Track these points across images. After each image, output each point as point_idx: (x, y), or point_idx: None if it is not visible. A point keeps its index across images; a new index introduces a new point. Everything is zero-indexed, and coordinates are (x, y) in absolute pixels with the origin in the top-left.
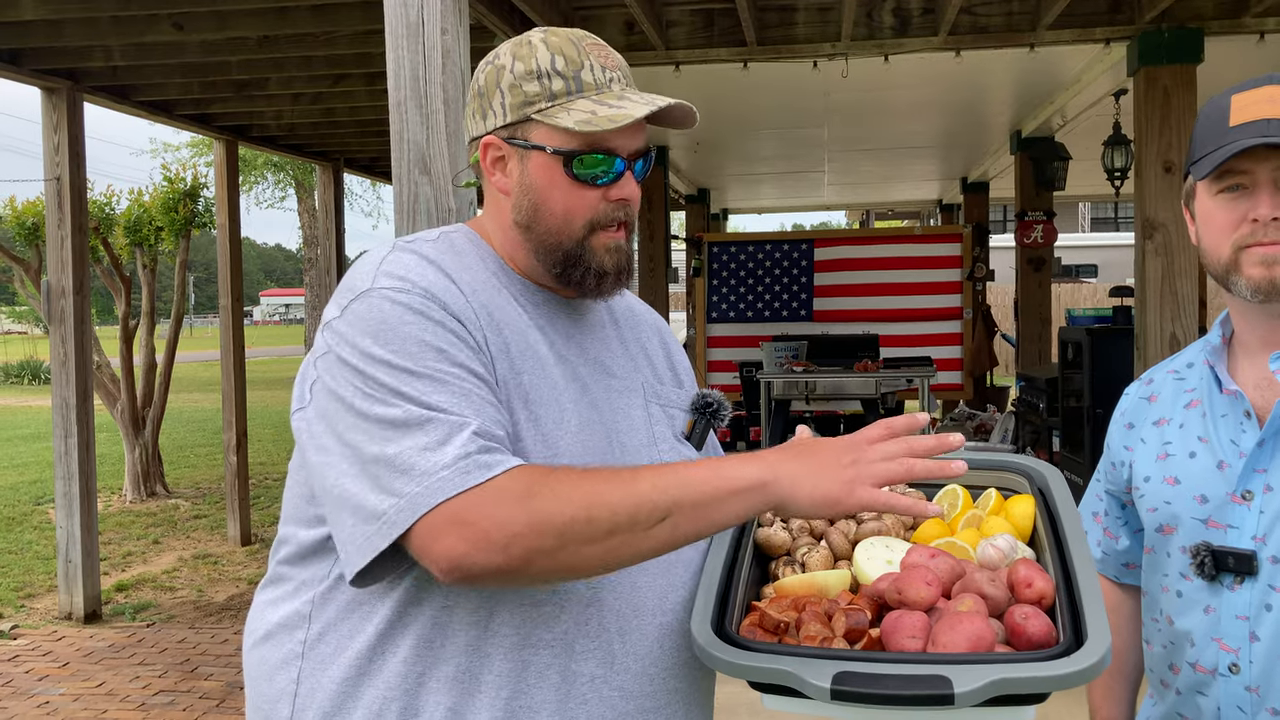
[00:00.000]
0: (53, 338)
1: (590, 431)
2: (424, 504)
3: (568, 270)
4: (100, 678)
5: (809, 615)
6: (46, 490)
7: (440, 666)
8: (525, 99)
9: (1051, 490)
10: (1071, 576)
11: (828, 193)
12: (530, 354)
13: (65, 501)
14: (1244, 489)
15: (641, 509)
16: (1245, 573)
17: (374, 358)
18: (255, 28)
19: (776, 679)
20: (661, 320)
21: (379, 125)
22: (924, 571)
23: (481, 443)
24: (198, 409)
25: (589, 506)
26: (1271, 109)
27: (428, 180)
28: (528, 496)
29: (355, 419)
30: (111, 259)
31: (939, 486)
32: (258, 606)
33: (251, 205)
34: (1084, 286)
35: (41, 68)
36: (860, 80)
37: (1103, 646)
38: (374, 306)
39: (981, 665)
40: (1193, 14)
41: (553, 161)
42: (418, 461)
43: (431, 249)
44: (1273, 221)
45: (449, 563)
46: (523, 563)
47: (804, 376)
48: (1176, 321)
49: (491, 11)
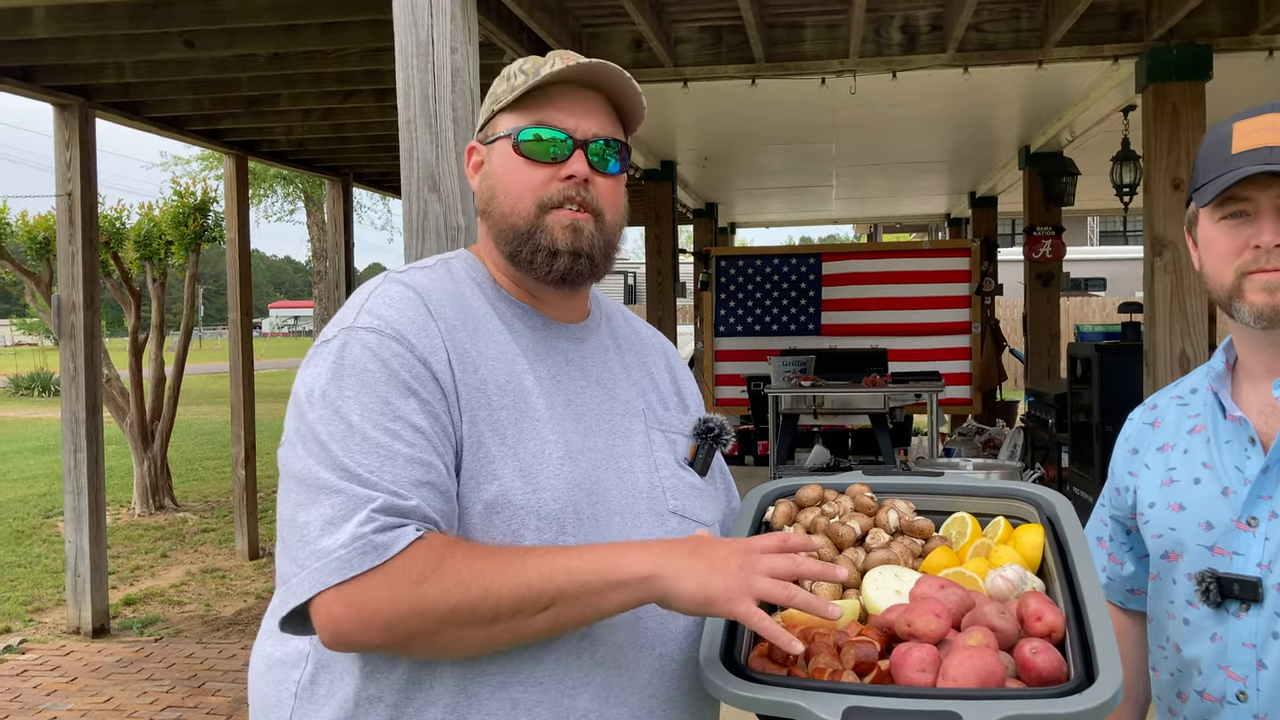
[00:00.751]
0: (63, 352)
1: (579, 461)
2: (319, 583)
3: (519, 249)
4: (108, 693)
5: (818, 646)
6: (55, 503)
7: (429, 710)
8: (494, 99)
9: (1060, 519)
10: (1081, 609)
11: (835, 207)
12: (510, 388)
13: (74, 515)
14: (1249, 515)
15: (526, 599)
16: (1251, 600)
17: (324, 403)
18: (266, 45)
19: (786, 713)
20: (669, 344)
21: (388, 141)
22: (933, 604)
23: (380, 521)
24: (206, 421)
25: (476, 594)
26: (1274, 136)
27: (437, 198)
28: (419, 581)
29: (292, 464)
30: (122, 273)
31: (947, 513)
32: (262, 636)
33: (261, 218)
34: (1093, 300)
35: (54, 84)
36: (868, 96)
37: (1115, 684)
38: (347, 346)
39: (992, 700)
40: (1201, 31)
41: (506, 145)
42: (319, 537)
43: (424, 278)
44: (1275, 248)
45: (332, 636)
46: (403, 641)
47: (812, 391)
48: (1186, 338)
49: (500, 29)
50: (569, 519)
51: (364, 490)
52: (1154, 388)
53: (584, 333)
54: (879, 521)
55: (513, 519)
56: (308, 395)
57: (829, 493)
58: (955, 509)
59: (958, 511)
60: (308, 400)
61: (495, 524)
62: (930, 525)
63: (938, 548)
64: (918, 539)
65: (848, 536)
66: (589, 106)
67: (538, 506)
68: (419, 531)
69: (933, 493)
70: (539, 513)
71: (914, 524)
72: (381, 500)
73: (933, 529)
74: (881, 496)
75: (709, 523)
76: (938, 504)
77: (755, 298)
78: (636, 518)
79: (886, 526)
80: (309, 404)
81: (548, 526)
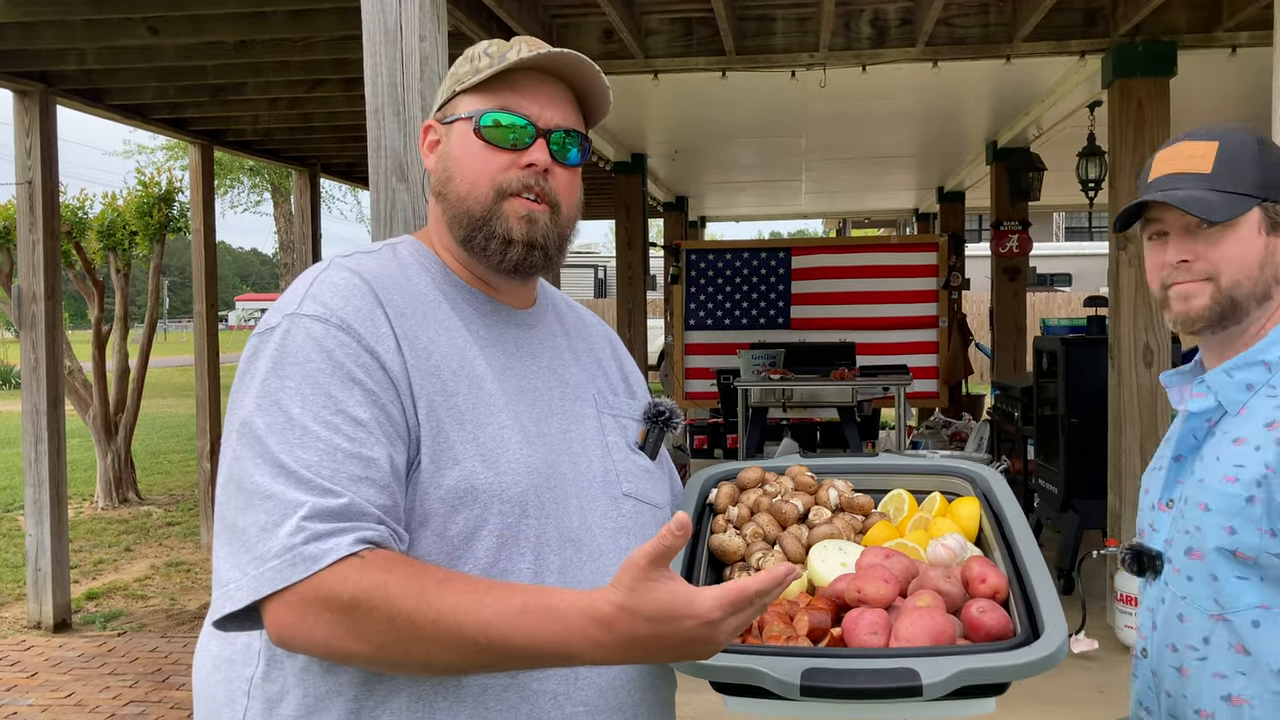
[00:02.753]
0: (23, 343)
1: (535, 446)
2: (255, 591)
3: (473, 235)
4: (70, 688)
5: (771, 616)
6: (16, 497)
7: (393, 700)
8: (456, 79)
9: (995, 492)
10: (1022, 572)
11: (805, 201)
12: (465, 373)
13: (35, 508)
14: (1168, 498)
15: (462, 652)
16: (1155, 571)
17: (264, 394)
18: (231, 32)
19: (745, 678)
20: (612, 331)
21: (356, 131)
22: (881, 570)
23: (310, 530)
24: (171, 414)
25: (408, 638)
26: (1176, 164)
27: (405, 187)
28: (351, 609)
29: (229, 464)
30: (84, 263)
31: (884, 491)
32: (207, 635)
33: (227, 209)
34: (1058, 295)
35: (13, 70)
36: (838, 90)
37: (1060, 636)
38: (289, 334)
39: (947, 657)
40: (1166, 28)
41: (467, 127)
42: (255, 542)
43: (371, 263)
44: (1180, 264)
45: (277, 638)
46: (343, 657)
47: (781, 384)
48: (1150, 331)
49: (469, 18)
50: (530, 502)
51: (295, 495)
52: (1119, 380)
53: (533, 319)
54: (820, 499)
55: (476, 503)
56: (248, 387)
57: (769, 474)
58: (891, 487)
59: (894, 490)
60: (248, 391)
61: (459, 509)
62: (870, 501)
63: (878, 522)
64: (858, 515)
65: (791, 514)
66: (553, 95)
67: (500, 490)
68: (354, 546)
69: (869, 472)
70: (501, 497)
71: (854, 500)
72: (310, 505)
73: (872, 505)
74: (821, 477)
75: (660, 504)
76: (875, 483)
77: (725, 291)
78: (592, 500)
79: (827, 504)
80: (248, 395)
81: (510, 510)
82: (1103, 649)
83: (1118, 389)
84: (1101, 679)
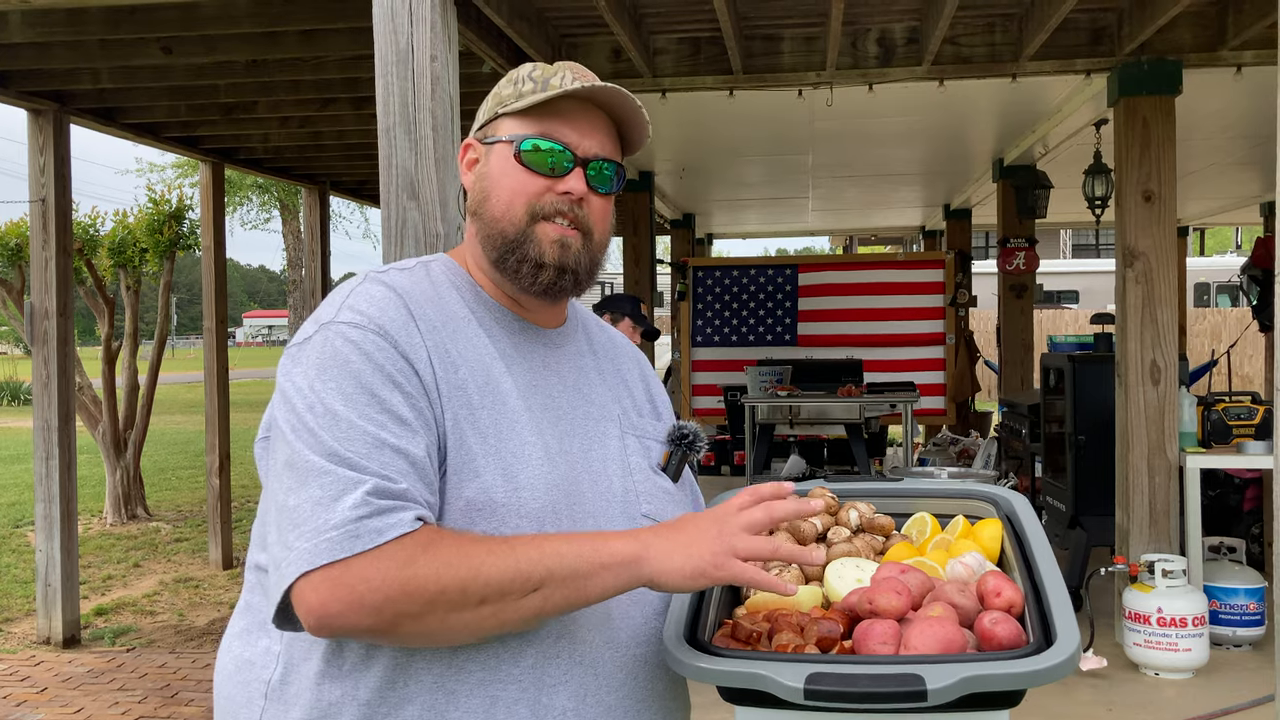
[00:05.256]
0: (35, 359)
1: (556, 463)
2: (309, 562)
3: (506, 256)
4: (79, 704)
5: (781, 625)
6: (26, 513)
7: (406, 707)
8: (499, 101)
9: (1019, 516)
10: (1040, 590)
11: (812, 218)
12: (490, 389)
13: (45, 524)
14: None
15: (515, 581)
16: None
17: (311, 393)
18: (244, 52)
19: (748, 682)
20: (641, 354)
21: (366, 149)
22: (895, 583)
23: (374, 505)
24: (180, 431)
25: (465, 574)
26: None
27: (416, 205)
28: (408, 563)
29: (284, 453)
30: (95, 280)
31: (907, 515)
32: (230, 637)
33: (236, 226)
34: (1065, 313)
35: (28, 89)
36: (845, 109)
37: (1072, 645)
38: (329, 340)
39: (953, 664)
40: (1171, 47)
41: (507, 149)
42: (309, 517)
43: (404, 279)
44: None
45: (318, 619)
46: (391, 624)
47: (788, 401)
48: (1157, 348)
49: (480, 38)
50: (548, 518)
51: (354, 474)
52: (1126, 398)
53: (561, 338)
54: (840, 520)
55: (493, 517)
56: (295, 389)
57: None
58: (915, 511)
59: (918, 512)
60: (296, 393)
61: (476, 522)
62: (891, 522)
63: (899, 543)
64: (879, 535)
65: (809, 533)
66: (594, 124)
67: (518, 505)
68: (416, 520)
69: (893, 495)
70: (519, 512)
71: (875, 521)
72: (373, 483)
73: (893, 526)
74: (843, 499)
75: None
76: (899, 506)
77: (732, 308)
78: (610, 520)
79: (848, 524)
80: (297, 395)
81: (527, 526)
82: (1111, 667)
83: (1125, 406)
84: (1110, 697)
